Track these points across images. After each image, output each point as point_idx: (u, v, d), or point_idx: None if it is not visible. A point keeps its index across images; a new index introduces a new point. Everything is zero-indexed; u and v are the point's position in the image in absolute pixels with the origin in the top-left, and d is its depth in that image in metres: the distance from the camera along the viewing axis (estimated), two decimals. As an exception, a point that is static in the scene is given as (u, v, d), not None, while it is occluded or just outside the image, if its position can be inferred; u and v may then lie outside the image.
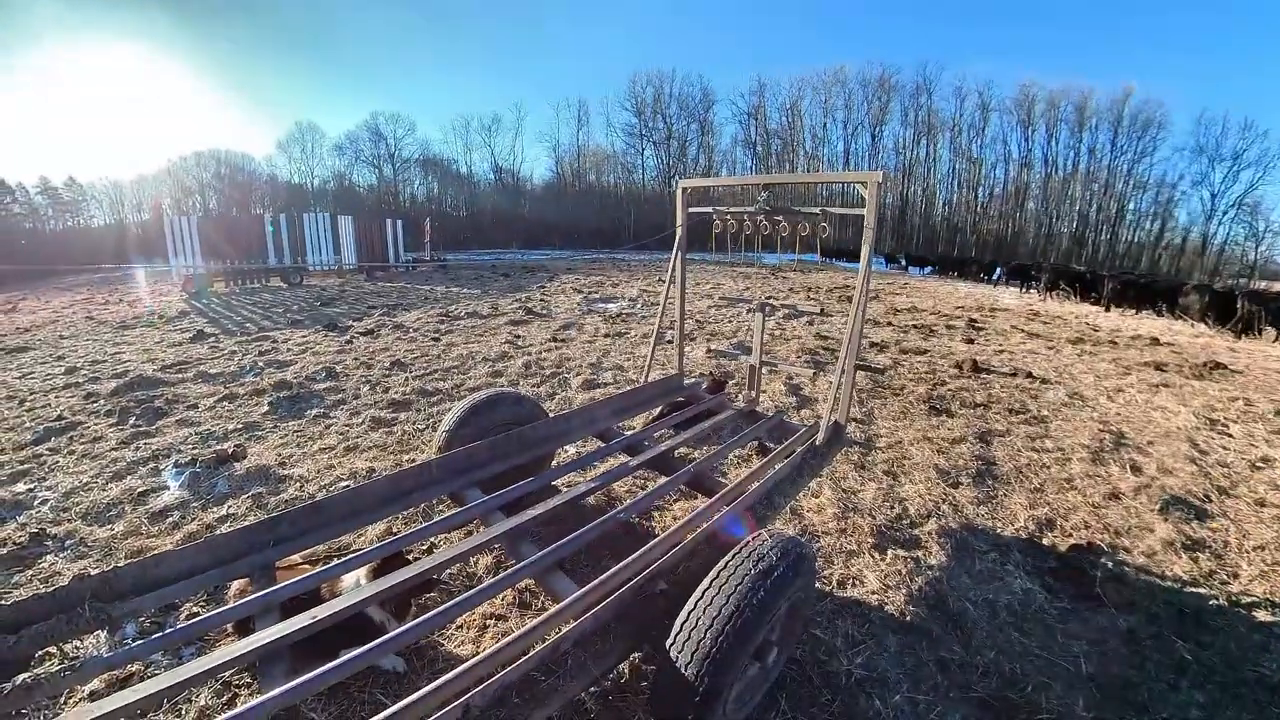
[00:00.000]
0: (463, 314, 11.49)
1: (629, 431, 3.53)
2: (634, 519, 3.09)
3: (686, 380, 4.36)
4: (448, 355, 8.01)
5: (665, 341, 8.45)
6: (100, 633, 2.58)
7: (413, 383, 6.61)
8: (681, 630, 1.72)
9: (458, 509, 2.65)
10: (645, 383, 4.02)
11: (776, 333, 9.55)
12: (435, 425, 5.29)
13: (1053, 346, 9.21)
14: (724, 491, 2.58)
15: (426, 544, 3.15)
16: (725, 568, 1.81)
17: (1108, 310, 14.44)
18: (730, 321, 10.69)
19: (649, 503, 2.74)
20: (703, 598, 1.74)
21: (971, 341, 9.42)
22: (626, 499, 3.74)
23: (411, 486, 2.77)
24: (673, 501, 3.68)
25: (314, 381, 6.72)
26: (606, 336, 9.31)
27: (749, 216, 3.50)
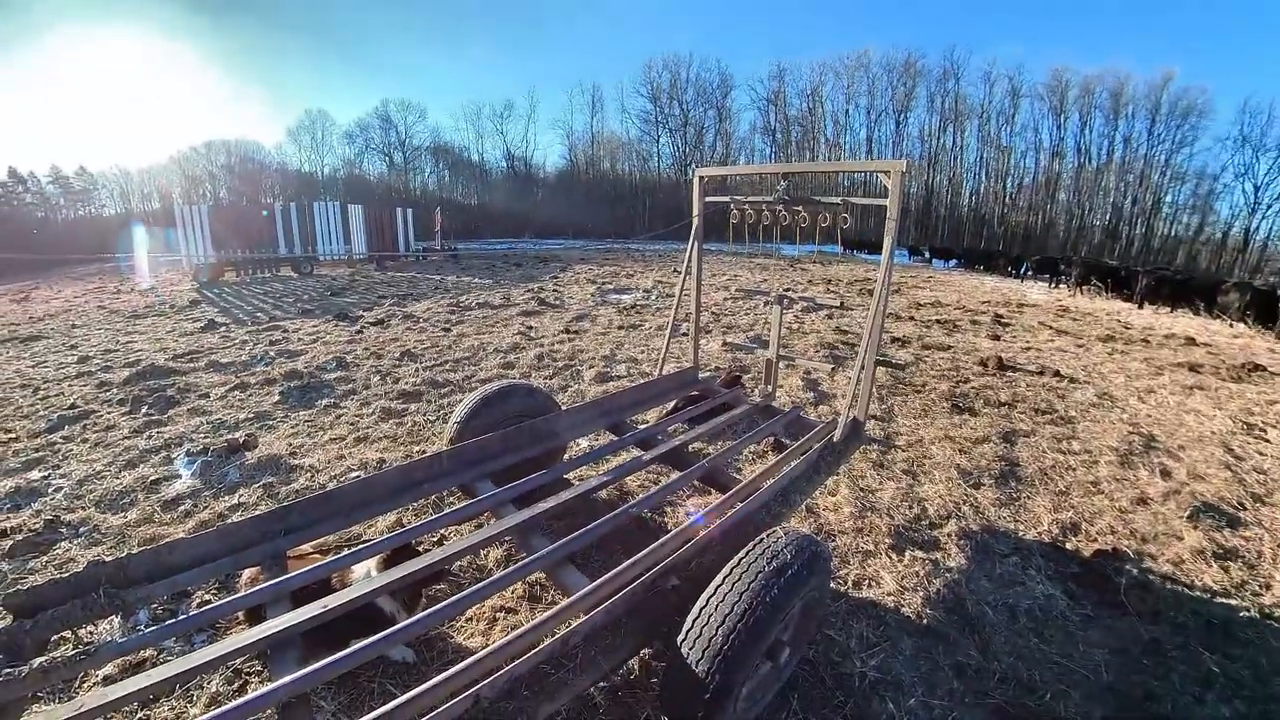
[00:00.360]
0: (474, 304, 11.57)
1: (642, 425, 3.55)
2: (646, 514, 3.12)
3: (701, 374, 4.36)
4: (459, 346, 8.09)
5: (680, 334, 8.48)
6: (113, 619, 2.66)
7: (423, 373, 6.68)
8: (693, 627, 1.74)
9: (469, 501, 2.69)
10: (660, 376, 4.03)
11: (794, 326, 9.51)
12: (446, 416, 5.36)
13: (1082, 344, 9.08)
14: (738, 488, 2.60)
15: (437, 535, 3.20)
16: (739, 564, 1.82)
17: (1141, 307, 14.19)
18: (747, 314, 10.66)
19: (662, 498, 2.77)
20: (715, 594, 1.76)
21: (997, 338, 9.32)
22: (639, 493, 3.78)
23: (422, 477, 2.82)
24: (685, 497, 3.71)
25: (325, 371, 6.82)
26: (620, 328, 9.34)
27: (768, 206, 3.49)
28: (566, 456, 3.73)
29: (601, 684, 2.25)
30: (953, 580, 3.13)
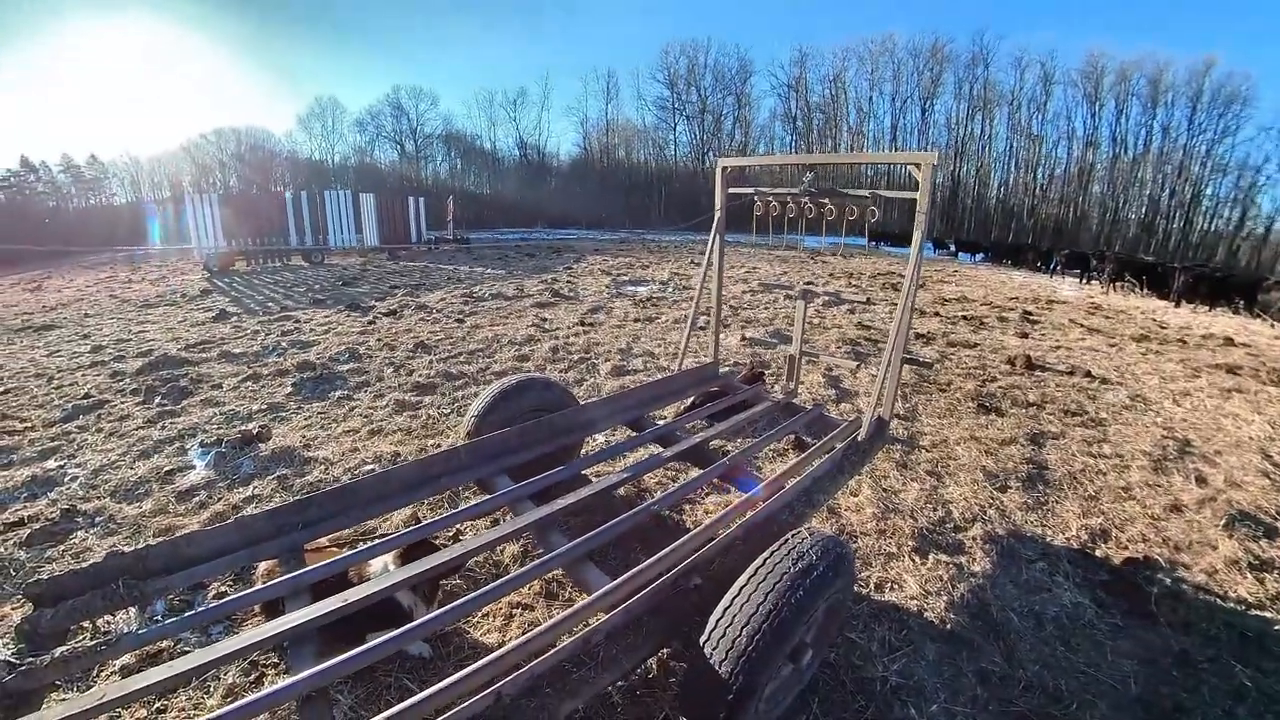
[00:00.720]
0: (487, 295, 11.64)
1: (661, 421, 3.57)
2: (664, 512, 3.14)
3: (721, 369, 4.37)
4: (472, 338, 8.16)
5: (698, 328, 8.48)
6: (129, 610, 2.72)
7: (437, 365, 6.75)
8: (717, 627, 1.76)
9: (486, 496, 2.73)
10: (679, 371, 4.04)
11: (816, 321, 9.47)
12: (460, 410, 5.42)
13: (1114, 344, 8.96)
14: (759, 486, 2.61)
15: (453, 531, 3.25)
16: (764, 564, 1.84)
17: (1177, 306, 13.95)
18: (766, 308, 10.63)
19: (684, 495, 2.79)
20: (740, 594, 1.78)
21: (1025, 336, 9.22)
22: (657, 491, 3.81)
23: (440, 472, 2.86)
24: (705, 495, 3.73)
25: (337, 363, 6.92)
26: (636, 321, 9.36)
27: (793, 198, 3.48)
28: (583, 452, 3.77)
29: (619, 683, 2.28)
30: (977, 585, 3.13)
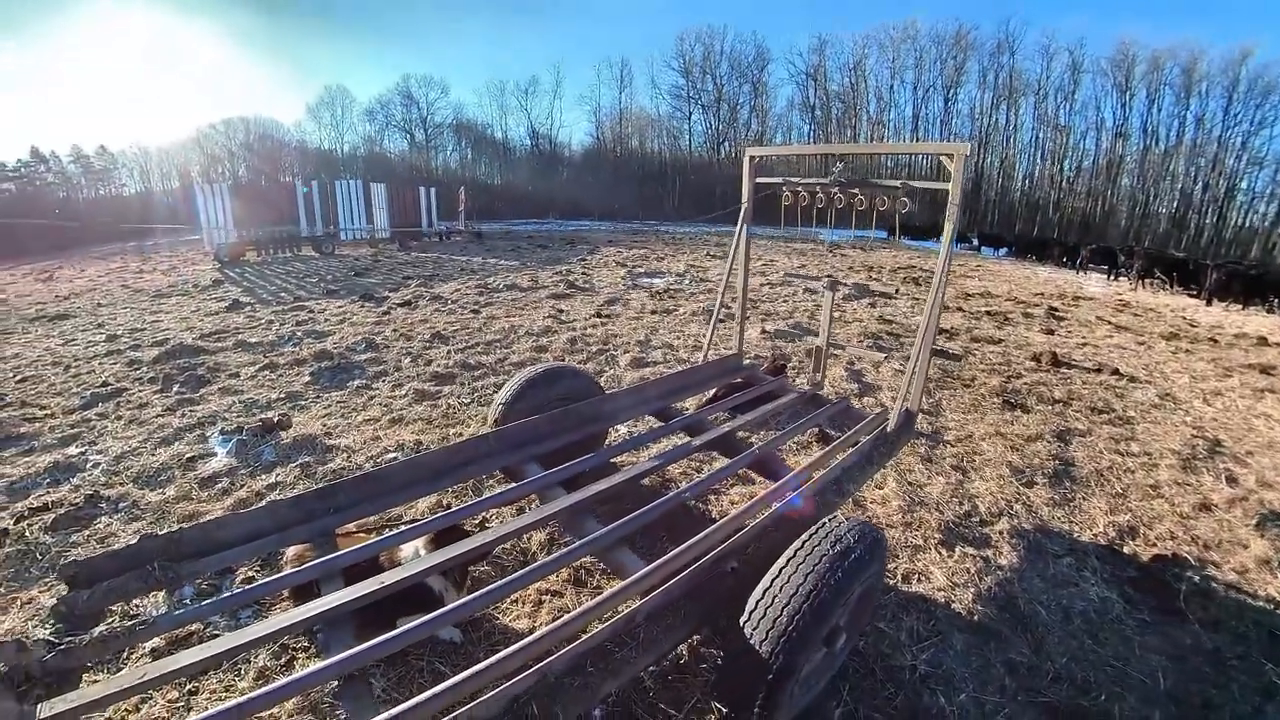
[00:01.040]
0: (502, 286, 11.76)
1: (686, 412, 3.64)
2: (691, 501, 3.22)
3: (745, 361, 4.43)
4: (489, 328, 8.27)
5: (718, 320, 8.55)
6: (157, 594, 2.79)
7: (455, 356, 6.87)
8: (757, 607, 1.84)
9: (517, 483, 2.81)
10: (704, 361, 4.12)
11: (836, 315, 9.45)
12: (481, 400, 5.53)
13: (1143, 342, 8.92)
14: (790, 475, 2.69)
15: (480, 517, 3.33)
16: (803, 547, 1.92)
17: (1209, 304, 13.82)
18: (785, 301, 10.67)
19: (712, 483, 2.86)
20: (779, 575, 1.86)
21: (1051, 332, 9.20)
22: (682, 481, 3.90)
23: (469, 458, 2.95)
24: (729, 486, 3.81)
25: (354, 352, 7.05)
26: (654, 313, 9.44)
27: (822, 189, 3.53)
28: (607, 441, 3.86)
29: (653, 667, 2.37)
30: (1004, 578, 3.19)
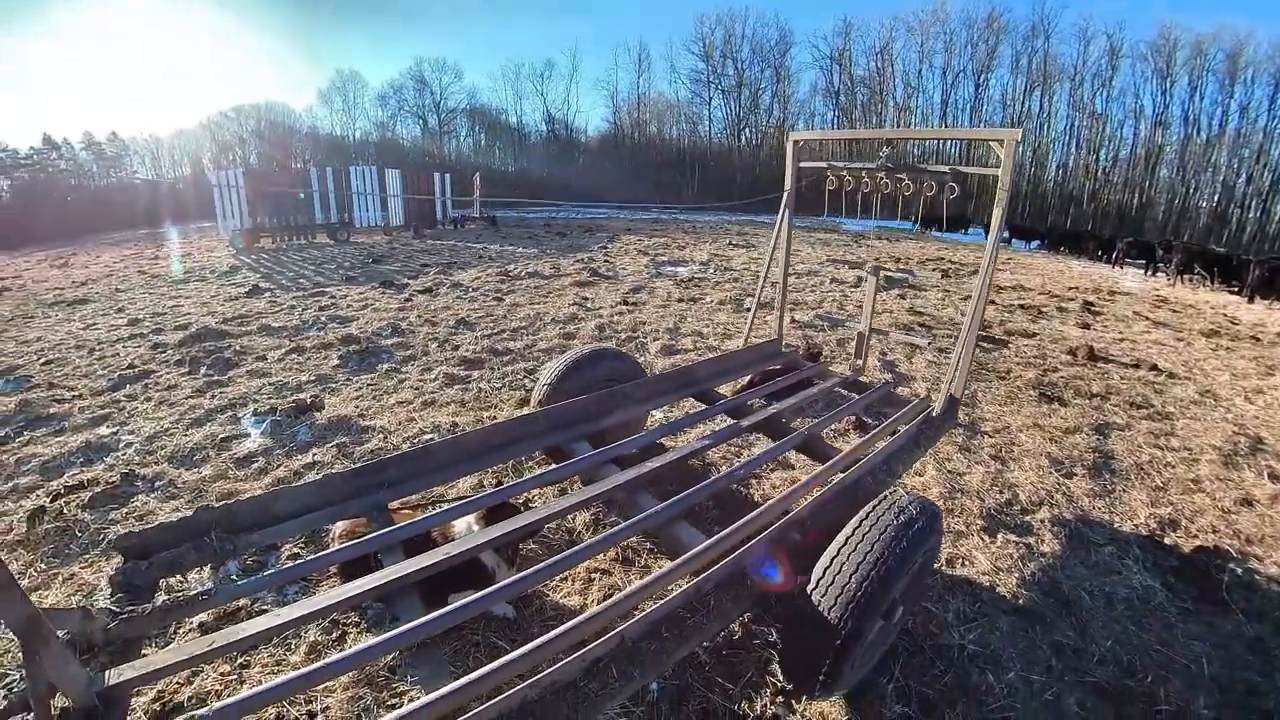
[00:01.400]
0: (523, 274, 11.92)
1: (726, 396, 3.76)
2: (734, 485, 3.34)
3: (784, 347, 4.54)
4: (514, 315, 8.44)
5: (745, 309, 8.67)
6: (202, 569, 2.88)
7: (482, 341, 7.04)
8: (825, 574, 1.96)
9: (563, 462, 2.93)
10: (744, 347, 4.23)
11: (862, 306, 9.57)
12: (511, 384, 5.68)
13: (1182, 338, 8.91)
14: (839, 457, 2.81)
15: (526, 495, 3.46)
16: (868, 516, 2.04)
17: (1251, 301, 13.67)
18: (813, 291, 10.75)
19: (762, 463, 2.98)
20: (847, 544, 1.98)
21: (1087, 327, 9.21)
22: (721, 464, 4.03)
23: (518, 436, 3.08)
24: (769, 470, 3.93)
25: (380, 337, 7.24)
26: (680, 301, 9.58)
27: (868, 174, 3.62)
28: (647, 424, 3.98)
29: (705, 643, 2.49)
30: (1047, 564, 3.29)
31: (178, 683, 2.42)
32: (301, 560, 2.39)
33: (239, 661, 2.54)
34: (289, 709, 2.29)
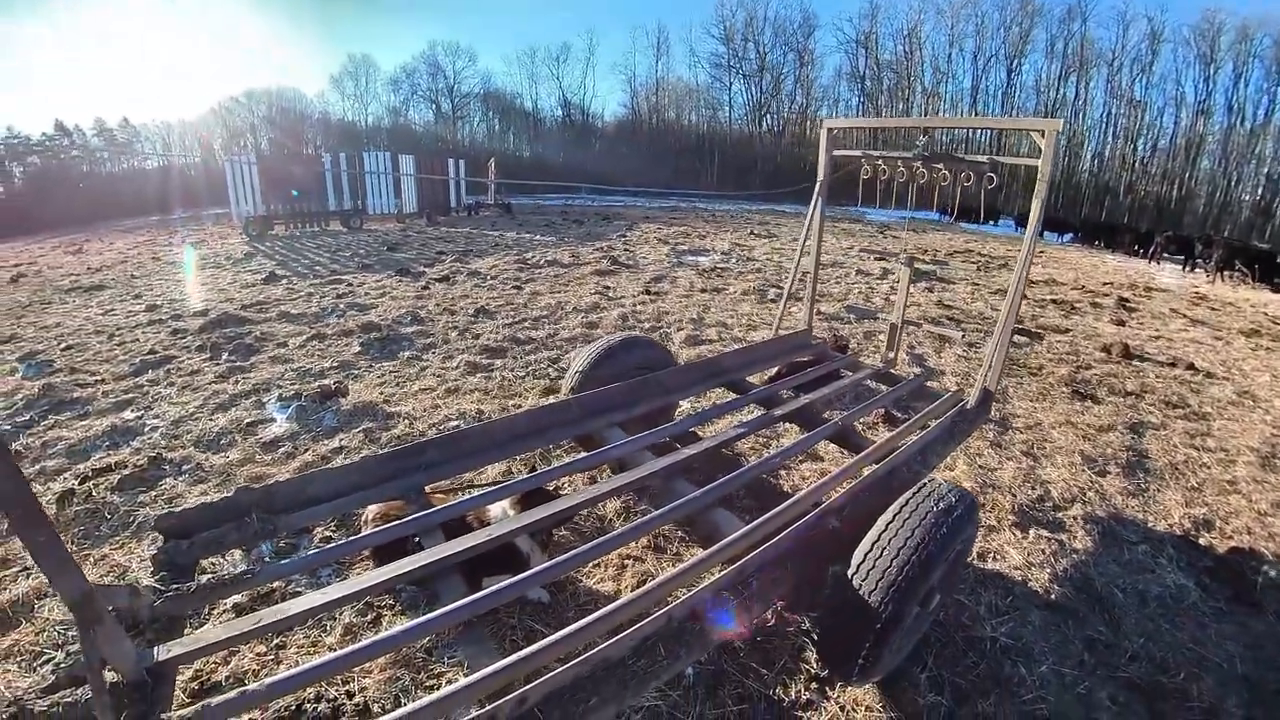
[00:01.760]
0: (541, 262, 12.05)
1: (757, 385, 3.85)
2: (764, 475, 3.42)
3: (813, 339, 4.60)
4: (534, 304, 8.56)
5: (769, 300, 8.75)
6: (233, 552, 2.97)
7: (503, 330, 7.16)
8: (865, 559, 2.05)
9: (593, 449, 3.03)
10: (774, 337, 4.30)
11: (891, 298, 9.59)
12: (535, 373, 5.80)
13: (1220, 337, 8.84)
14: (872, 448, 2.89)
15: (555, 483, 3.54)
16: (908, 503, 2.13)
17: (1294, 298, 13.53)
18: (837, 283, 10.78)
19: (795, 452, 3.07)
20: (887, 529, 2.06)
21: (1122, 323, 9.17)
22: (750, 454, 4.12)
23: (551, 423, 3.17)
24: (799, 461, 4.01)
25: (401, 325, 7.38)
26: (703, 291, 9.67)
27: (904, 163, 3.66)
28: (675, 413, 4.07)
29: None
30: (1080, 561, 3.36)
31: (214, 662, 2.49)
32: (341, 541, 2.46)
33: (275, 642, 2.63)
34: (327, 689, 2.38)
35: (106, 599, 1.62)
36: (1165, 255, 18.83)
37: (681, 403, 4.64)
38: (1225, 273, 15.80)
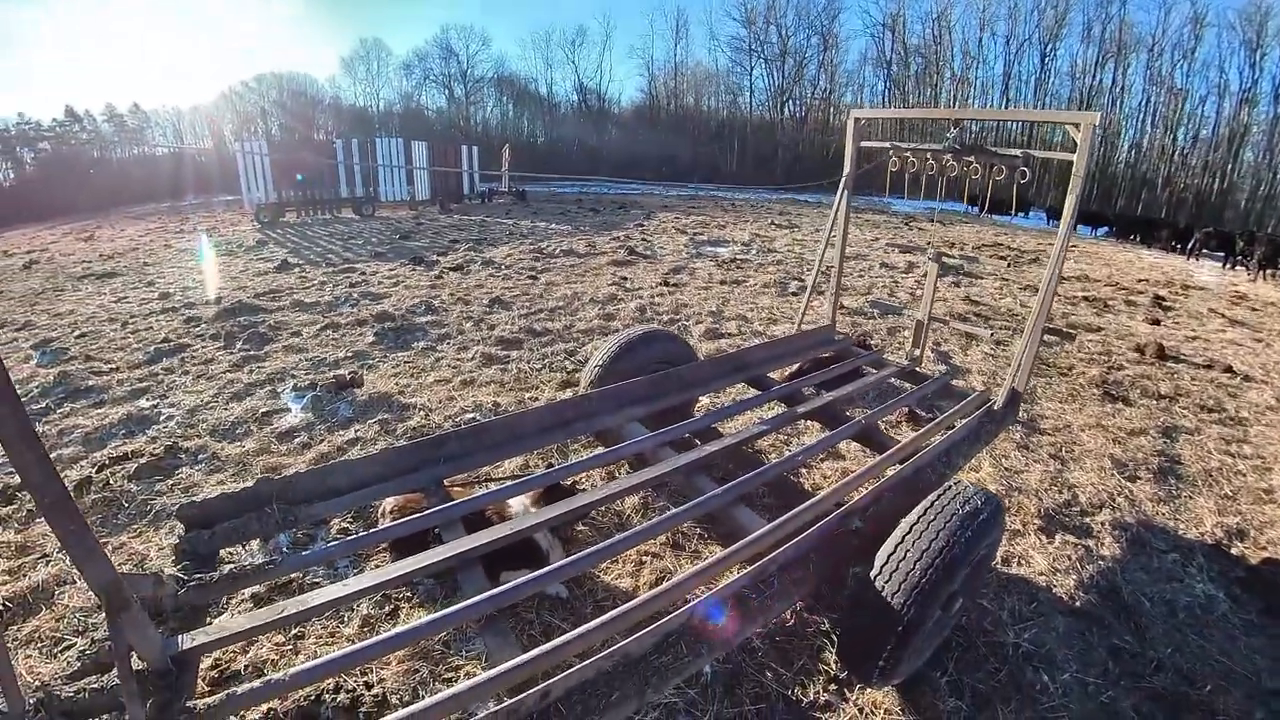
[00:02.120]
0: (557, 252, 12.11)
1: (779, 382, 3.87)
2: (786, 473, 3.46)
3: (837, 334, 4.61)
4: (550, 295, 8.63)
5: (790, 293, 8.75)
6: (251, 543, 3.03)
7: (518, 321, 7.23)
8: (889, 561, 2.08)
9: (614, 444, 3.08)
10: (797, 332, 4.32)
11: (917, 293, 9.55)
12: (551, 365, 5.86)
13: (1261, 339, 8.71)
14: (897, 448, 2.91)
15: (577, 475, 3.57)
16: (933, 505, 2.16)
17: (1341, 298, 13.28)
18: (861, 276, 10.74)
19: (819, 450, 3.10)
20: (911, 530, 2.09)
21: (1157, 323, 9.07)
22: (770, 452, 4.16)
23: (571, 417, 3.22)
24: (820, 460, 4.04)
25: (415, 315, 7.48)
26: (723, 284, 9.69)
27: (933, 155, 3.66)
28: (696, 409, 4.11)
29: (758, 629, 2.63)
30: (1106, 568, 3.36)
31: (233, 651, 2.56)
32: (364, 533, 2.51)
33: (293, 633, 2.69)
34: (346, 679, 2.44)
35: (132, 587, 1.66)
36: (1204, 251, 18.52)
37: (701, 398, 4.69)
38: (1268, 271, 15.52)
